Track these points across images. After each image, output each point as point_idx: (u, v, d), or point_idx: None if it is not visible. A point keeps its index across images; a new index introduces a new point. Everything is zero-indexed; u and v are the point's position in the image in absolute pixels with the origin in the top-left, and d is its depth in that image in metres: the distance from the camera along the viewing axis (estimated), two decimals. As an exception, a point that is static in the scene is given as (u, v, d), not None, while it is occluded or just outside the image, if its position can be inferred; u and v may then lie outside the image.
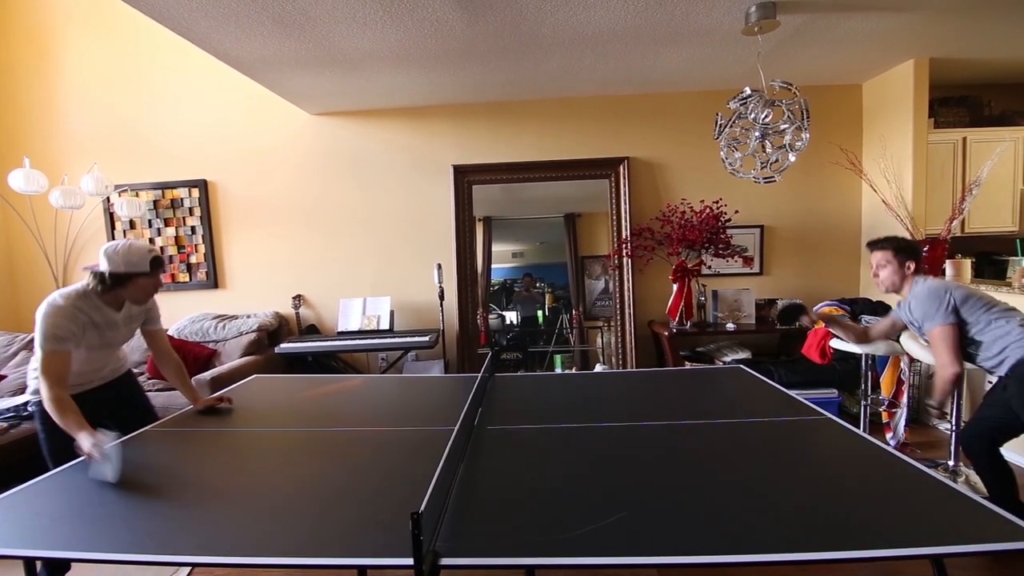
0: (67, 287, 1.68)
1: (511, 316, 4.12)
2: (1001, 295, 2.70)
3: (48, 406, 1.47)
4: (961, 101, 3.64)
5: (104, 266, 1.64)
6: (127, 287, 1.69)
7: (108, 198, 3.77)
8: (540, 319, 4.11)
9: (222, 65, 2.85)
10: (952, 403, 2.58)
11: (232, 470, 1.35)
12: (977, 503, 0.99)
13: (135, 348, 3.58)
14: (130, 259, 1.66)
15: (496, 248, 4.01)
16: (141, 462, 1.39)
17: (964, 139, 3.49)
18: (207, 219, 3.86)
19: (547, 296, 4.11)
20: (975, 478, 2.53)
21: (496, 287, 4.07)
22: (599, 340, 3.99)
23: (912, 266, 1.98)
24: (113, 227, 3.89)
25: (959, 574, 1.81)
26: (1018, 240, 3.15)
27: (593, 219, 3.96)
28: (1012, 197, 3.55)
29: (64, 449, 1.43)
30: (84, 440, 1.35)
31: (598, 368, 3.82)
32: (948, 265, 3.07)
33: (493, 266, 4.02)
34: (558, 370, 3.94)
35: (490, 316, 3.99)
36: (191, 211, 3.86)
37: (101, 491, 1.21)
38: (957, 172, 3.48)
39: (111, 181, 3.67)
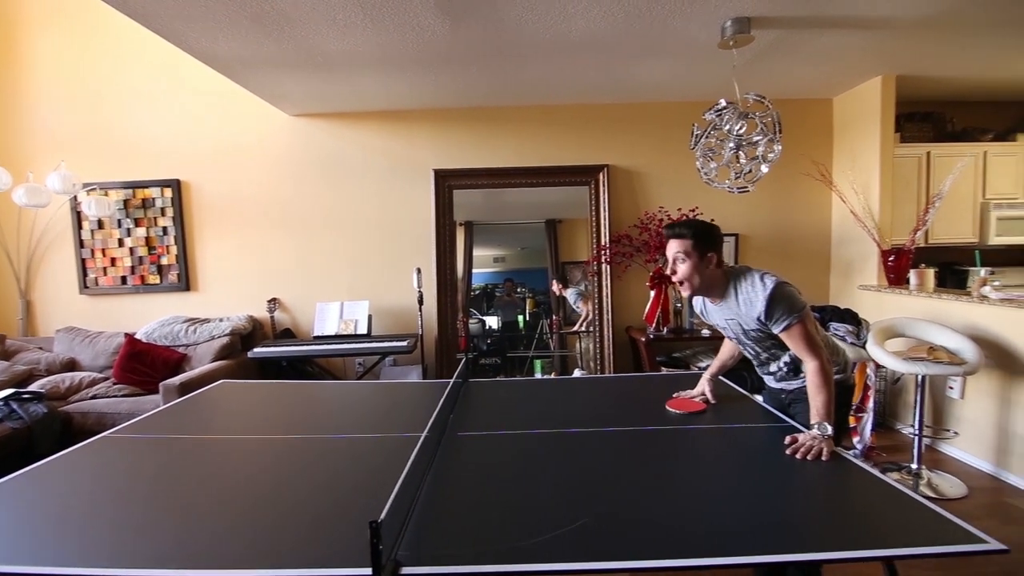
0: None
1: (492, 321, 4.12)
2: (961, 305, 2.82)
3: None
4: (926, 117, 3.79)
5: None
6: None
7: (75, 197, 3.66)
8: (521, 324, 4.12)
9: (199, 63, 2.80)
10: (916, 408, 2.67)
11: (190, 479, 1.31)
12: (928, 508, 1.03)
13: (100, 352, 3.47)
14: None
15: (477, 253, 4.01)
16: (95, 470, 1.35)
17: (928, 154, 3.63)
18: (180, 220, 3.77)
19: (528, 301, 4.12)
20: (936, 480, 2.62)
21: (477, 292, 4.07)
22: (578, 345, 4.01)
23: (714, 258, 1.55)
24: (80, 227, 3.77)
25: (913, 573, 1.87)
26: (977, 251, 3.28)
27: (574, 225, 3.99)
28: (972, 210, 3.71)
29: None
30: None
31: (577, 373, 3.84)
32: (912, 274, 3.18)
33: (474, 271, 4.01)
34: (538, 375, 3.95)
35: (470, 321, 3.99)
36: (163, 211, 3.77)
37: (51, 500, 1.17)
38: (921, 185, 3.62)
39: (79, 179, 3.56)
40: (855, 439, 2.89)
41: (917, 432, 2.65)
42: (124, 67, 3.70)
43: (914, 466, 2.66)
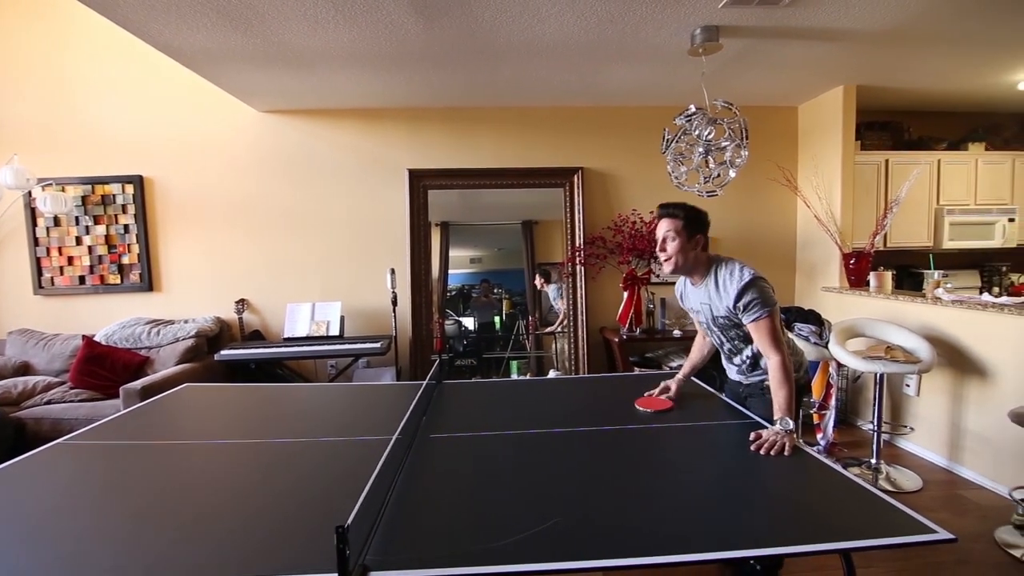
0: None
1: (468, 322, 4.10)
2: (916, 306, 2.95)
3: None
4: (884, 126, 3.96)
5: None
6: None
7: (30, 192, 3.49)
8: (497, 325, 4.12)
9: (163, 56, 2.71)
10: (875, 405, 2.78)
11: (150, 486, 1.27)
12: (884, 500, 1.07)
13: (56, 356, 3.32)
14: None
15: (454, 253, 3.99)
16: (50, 477, 1.29)
17: (887, 161, 3.79)
18: (142, 217, 3.64)
19: (504, 302, 4.12)
20: (894, 474, 2.73)
21: (453, 293, 4.05)
22: (553, 346, 4.04)
23: (701, 240, 1.63)
24: (35, 224, 3.59)
25: (871, 564, 1.95)
26: (931, 255, 3.45)
27: (549, 227, 4.02)
28: (927, 215, 3.89)
29: None
30: None
31: (552, 374, 3.86)
32: (872, 277, 3.32)
33: (450, 272, 3.99)
34: (514, 376, 3.95)
35: (446, 322, 3.96)
36: (124, 208, 3.63)
37: (1, 510, 1.11)
38: (880, 191, 3.78)
39: (33, 174, 3.39)
40: (818, 435, 3.00)
41: (876, 428, 2.77)
42: (84, 57, 3.55)
43: (873, 461, 2.77)
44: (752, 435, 1.40)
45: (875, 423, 2.77)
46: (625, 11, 2.34)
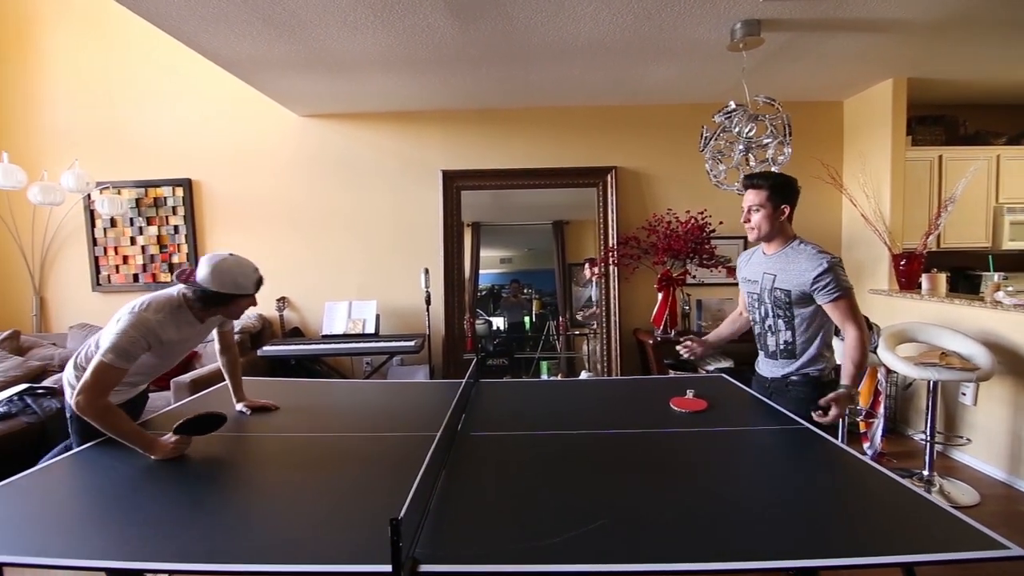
0: (161, 295, 1.57)
1: (498, 322, 4.12)
2: (974, 310, 2.79)
3: (93, 414, 1.39)
4: (937, 120, 3.76)
5: (208, 283, 1.52)
6: (227, 306, 1.61)
7: (89, 195, 3.70)
8: (527, 325, 4.12)
9: (210, 64, 2.83)
10: (927, 414, 2.65)
11: (207, 475, 1.32)
12: (948, 513, 1.02)
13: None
14: (238, 281, 1.56)
15: (484, 254, 4.01)
16: (114, 465, 1.36)
17: (940, 157, 3.60)
18: (191, 219, 3.81)
19: (534, 303, 4.12)
20: (948, 487, 2.59)
21: (483, 293, 4.07)
22: (585, 347, 4.01)
23: (787, 211, 1.68)
24: (93, 225, 3.81)
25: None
26: (990, 256, 3.25)
27: (581, 227, 3.99)
28: (985, 214, 3.67)
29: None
30: (159, 449, 1.36)
31: (583, 375, 3.83)
32: (924, 279, 3.16)
33: (481, 272, 4.02)
34: (544, 376, 3.94)
35: (477, 322, 3.99)
36: (174, 210, 3.81)
37: (77, 494, 1.18)
38: (933, 189, 3.59)
39: (92, 178, 3.61)
40: (865, 444, 2.87)
41: (929, 438, 2.63)
42: (137, 67, 3.75)
43: (926, 473, 2.63)
44: (822, 401, 1.51)
45: (928, 433, 2.63)
46: (662, 7, 2.31)
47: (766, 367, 1.83)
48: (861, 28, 2.56)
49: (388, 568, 0.80)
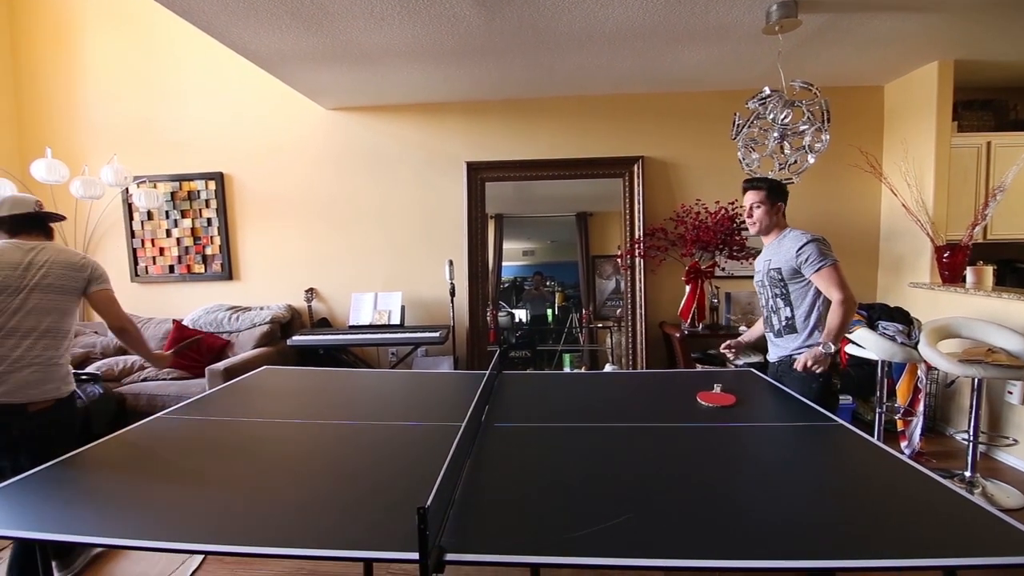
0: None
1: (521, 314, 4.11)
2: (1023, 304, 2.64)
3: None
4: (986, 105, 3.56)
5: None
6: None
7: (127, 189, 3.84)
8: (550, 318, 4.10)
9: (239, 59, 2.88)
10: (971, 412, 2.53)
11: (240, 460, 1.36)
12: (992, 515, 0.97)
13: (150, 337, 3.64)
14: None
15: (507, 246, 4.00)
16: (150, 449, 1.42)
17: (988, 143, 3.40)
18: (223, 211, 3.91)
19: (557, 295, 4.09)
20: (992, 489, 2.48)
21: (506, 285, 4.07)
22: (609, 340, 3.97)
23: (781, 207, 1.97)
24: (131, 218, 3.96)
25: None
26: (1043, 248, 3.07)
27: (605, 218, 3.94)
28: (1037, 204, 3.46)
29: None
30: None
31: (608, 368, 3.80)
32: (969, 272, 3.00)
33: (504, 264, 4.01)
34: (567, 369, 3.93)
35: (500, 314, 3.99)
36: (207, 203, 3.92)
37: (110, 479, 1.23)
38: (980, 177, 3.40)
39: (130, 172, 3.74)
40: (903, 443, 2.77)
41: (972, 438, 2.51)
42: (172, 66, 3.85)
43: (967, 474, 2.52)
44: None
45: (971, 432, 2.52)
46: (694, -10, 2.24)
47: (773, 351, 2.01)
48: (905, 7, 2.43)
49: (416, 556, 0.81)
